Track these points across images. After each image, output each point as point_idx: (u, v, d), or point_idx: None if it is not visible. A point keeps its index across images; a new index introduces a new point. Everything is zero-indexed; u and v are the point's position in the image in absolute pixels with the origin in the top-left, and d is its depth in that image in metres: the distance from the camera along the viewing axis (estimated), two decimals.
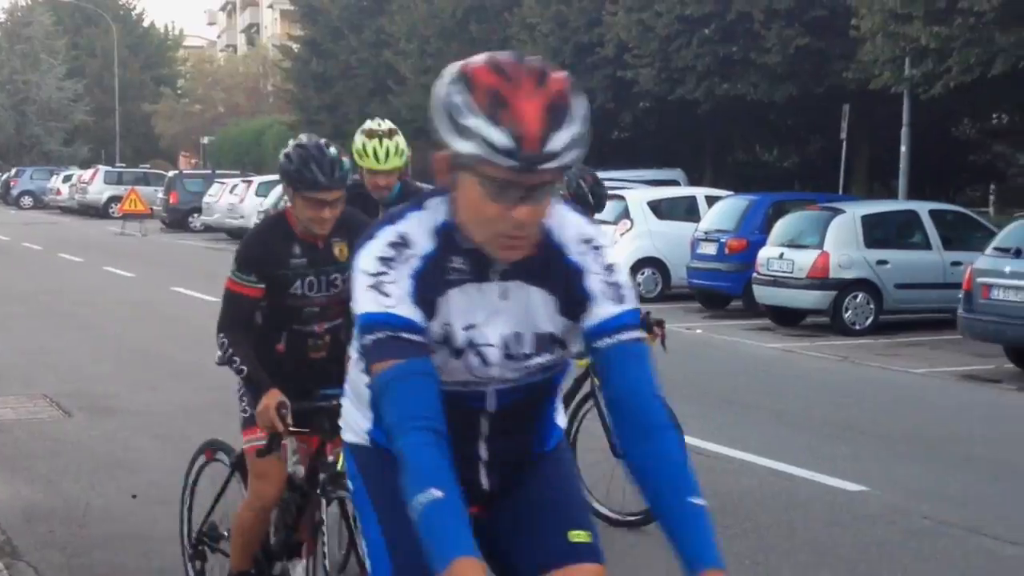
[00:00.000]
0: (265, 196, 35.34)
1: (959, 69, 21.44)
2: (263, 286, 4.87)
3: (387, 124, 6.15)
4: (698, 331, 17.11)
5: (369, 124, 6.16)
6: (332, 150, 4.79)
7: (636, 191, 22.60)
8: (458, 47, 36.39)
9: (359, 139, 6.09)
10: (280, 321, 5.01)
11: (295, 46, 49.81)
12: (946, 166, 30.17)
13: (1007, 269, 13.76)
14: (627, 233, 20.67)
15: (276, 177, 5.77)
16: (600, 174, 7.39)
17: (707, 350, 15.39)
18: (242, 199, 36.98)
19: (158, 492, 7.87)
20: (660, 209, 21.41)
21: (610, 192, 9.39)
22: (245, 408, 5.00)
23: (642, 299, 20.80)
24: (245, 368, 4.81)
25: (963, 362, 14.43)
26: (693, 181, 28.37)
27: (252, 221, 35.49)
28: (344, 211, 4.87)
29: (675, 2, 28.26)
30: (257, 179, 38.37)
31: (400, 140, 6.10)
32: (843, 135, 25.76)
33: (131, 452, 9.16)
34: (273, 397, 4.67)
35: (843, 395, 12.22)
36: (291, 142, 4.90)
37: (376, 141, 6.03)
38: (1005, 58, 20.77)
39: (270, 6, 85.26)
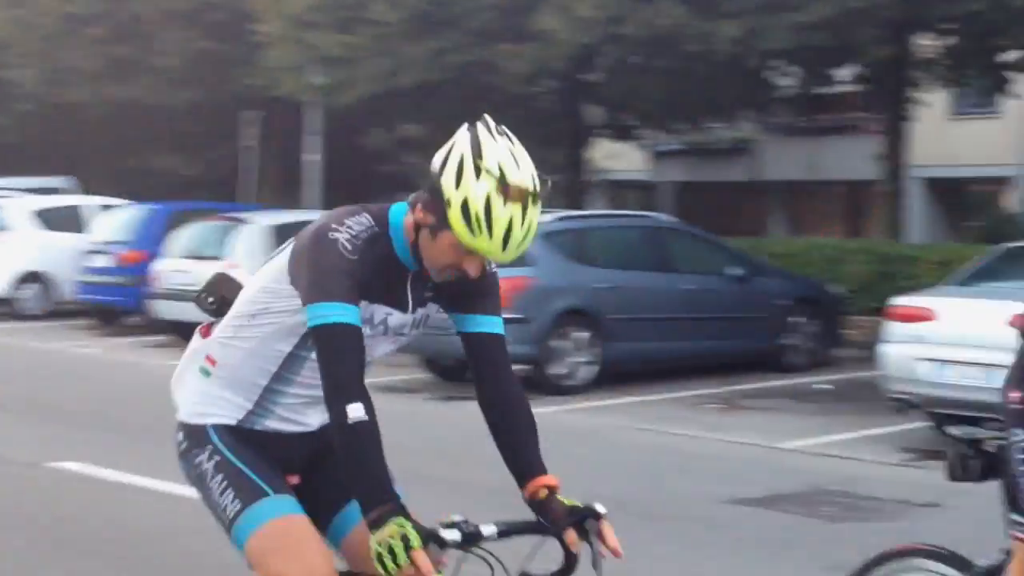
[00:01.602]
0: None
1: (366, 79, 21.01)
2: None
3: (527, 163, 2.92)
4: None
5: (495, 155, 2.88)
6: None
7: (17, 199, 21.30)
8: None
9: (482, 188, 2.87)
10: None
11: None
12: (358, 175, 30.21)
13: None
14: (5, 244, 19.07)
15: None
16: None
17: (105, 370, 14.31)
18: None
19: None
20: (46, 219, 20.03)
21: None
22: None
23: (25, 317, 18.83)
24: None
25: (380, 374, 13.88)
26: (91, 189, 26.36)
27: None
28: None
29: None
30: None
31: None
32: (247, 142, 25.01)
33: None
34: None
35: None
36: None
37: (531, 200, 2.87)
38: (412, 70, 20.55)
39: None
